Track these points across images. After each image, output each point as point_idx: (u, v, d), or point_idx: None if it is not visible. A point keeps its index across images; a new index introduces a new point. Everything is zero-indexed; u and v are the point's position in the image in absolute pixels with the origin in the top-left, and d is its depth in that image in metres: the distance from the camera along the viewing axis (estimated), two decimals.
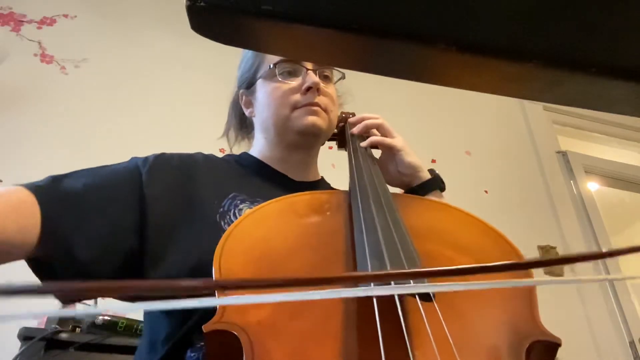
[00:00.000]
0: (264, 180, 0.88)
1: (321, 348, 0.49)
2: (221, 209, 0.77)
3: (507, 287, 0.52)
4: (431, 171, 0.94)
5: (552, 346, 0.53)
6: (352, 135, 0.96)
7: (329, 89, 0.92)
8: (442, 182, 0.92)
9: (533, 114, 2.84)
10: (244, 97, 0.97)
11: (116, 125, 1.97)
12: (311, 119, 0.87)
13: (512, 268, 0.30)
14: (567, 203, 2.55)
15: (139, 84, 2.12)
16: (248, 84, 0.95)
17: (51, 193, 0.68)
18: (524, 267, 0.33)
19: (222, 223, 0.74)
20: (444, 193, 0.92)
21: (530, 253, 2.27)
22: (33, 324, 1.43)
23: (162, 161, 0.82)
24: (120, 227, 0.71)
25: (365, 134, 0.97)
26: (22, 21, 2.11)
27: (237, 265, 0.57)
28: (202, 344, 0.66)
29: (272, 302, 0.54)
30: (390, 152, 0.93)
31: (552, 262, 0.27)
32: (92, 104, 2.00)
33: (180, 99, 2.13)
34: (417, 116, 2.52)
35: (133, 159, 0.81)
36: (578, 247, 2.41)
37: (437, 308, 0.52)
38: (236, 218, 0.74)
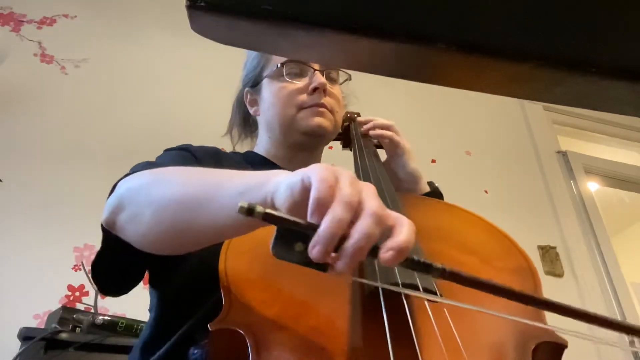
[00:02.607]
0: None
1: (328, 347, 0.49)
2: None
3: (519, 321, 0.52)
4: (430, 184, 0.93)
5: (558, 347, 0.53)
6: (357, 134, 0.96)
7: (335, 90, 0.93)
8: (441, 196, 0.92)
9: (533, 114, 2.84)
10: (248, 96, 0.97)
11: (116, 125, 1.97)
12: (317, 120, 0.87)
13: (529, 302, 0.30)
14: (567, 203, 2.55)
15: (139, 84, 2.12)
16: (253, 83, 0.95)
17: None
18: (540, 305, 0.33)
19: None
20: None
21: (530, 253, 2.26)
22: (33, 324, 1.43)
23: (199, 149, 0.85)
24: None
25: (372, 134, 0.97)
26: (22, 21, 2.11)
27: (243, 263, 0.58)
28: (206, 341, 0.66)
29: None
30: (396, 151, 0.93)
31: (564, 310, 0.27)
32: (92, 104, 2.00)
33: (180, 99, 2.13)
34: (417, 116, 2.52)
35: (168, 150, 0.82)
36: (578, 247, 2.41)
37: (444, 307, 0.52)
38: None
